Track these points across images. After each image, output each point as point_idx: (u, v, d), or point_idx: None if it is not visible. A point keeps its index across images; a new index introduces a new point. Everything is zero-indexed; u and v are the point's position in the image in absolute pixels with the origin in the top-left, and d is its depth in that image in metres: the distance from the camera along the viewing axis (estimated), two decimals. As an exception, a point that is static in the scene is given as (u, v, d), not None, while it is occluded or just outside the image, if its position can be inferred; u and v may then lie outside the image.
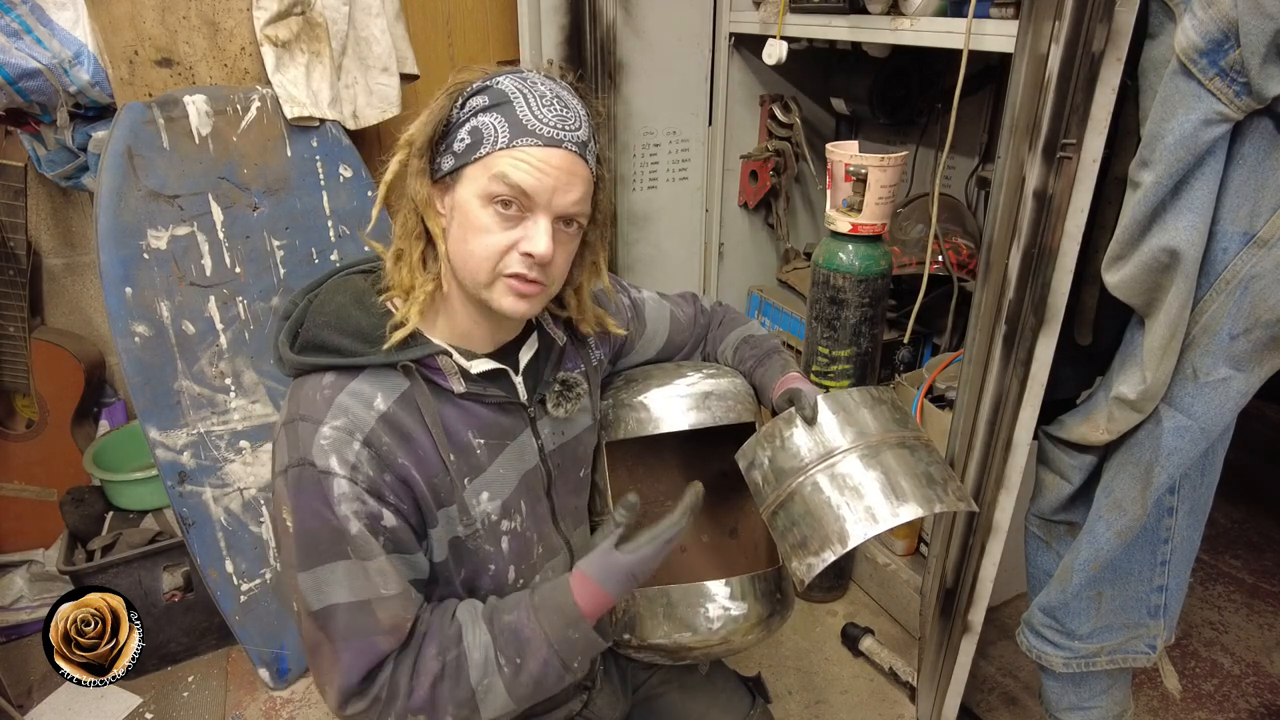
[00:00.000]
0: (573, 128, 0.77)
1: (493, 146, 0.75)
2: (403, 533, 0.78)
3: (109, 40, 1.41)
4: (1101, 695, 1.30)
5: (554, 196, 0.76)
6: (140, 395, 1.44)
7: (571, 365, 0.96)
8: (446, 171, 0.78)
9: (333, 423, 0.75)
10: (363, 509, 0.75)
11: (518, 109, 0.75)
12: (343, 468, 0.74)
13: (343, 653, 0.76)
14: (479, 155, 0.75)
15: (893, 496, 0.86)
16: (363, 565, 0.75)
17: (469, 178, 0.77)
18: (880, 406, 0.94)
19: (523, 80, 0.77)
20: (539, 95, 0.77)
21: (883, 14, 1.50)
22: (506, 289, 0.78)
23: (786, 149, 2.13)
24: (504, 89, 0.76)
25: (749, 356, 1.11)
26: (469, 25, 1.96)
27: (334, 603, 0.75)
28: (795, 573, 0.87)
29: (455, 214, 0.78)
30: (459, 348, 0.84)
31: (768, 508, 0.92)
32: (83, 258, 1.85)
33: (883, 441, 0.90)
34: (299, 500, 0.75)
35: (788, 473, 0.90)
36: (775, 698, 1.65)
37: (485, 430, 0.85)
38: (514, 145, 0.75)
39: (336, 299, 0.83)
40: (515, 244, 0.77)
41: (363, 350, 0.79)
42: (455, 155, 0.77)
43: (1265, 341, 1.00)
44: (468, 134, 0.76)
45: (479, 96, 0.77)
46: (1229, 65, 0.87)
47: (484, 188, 0.75)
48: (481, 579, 0.88)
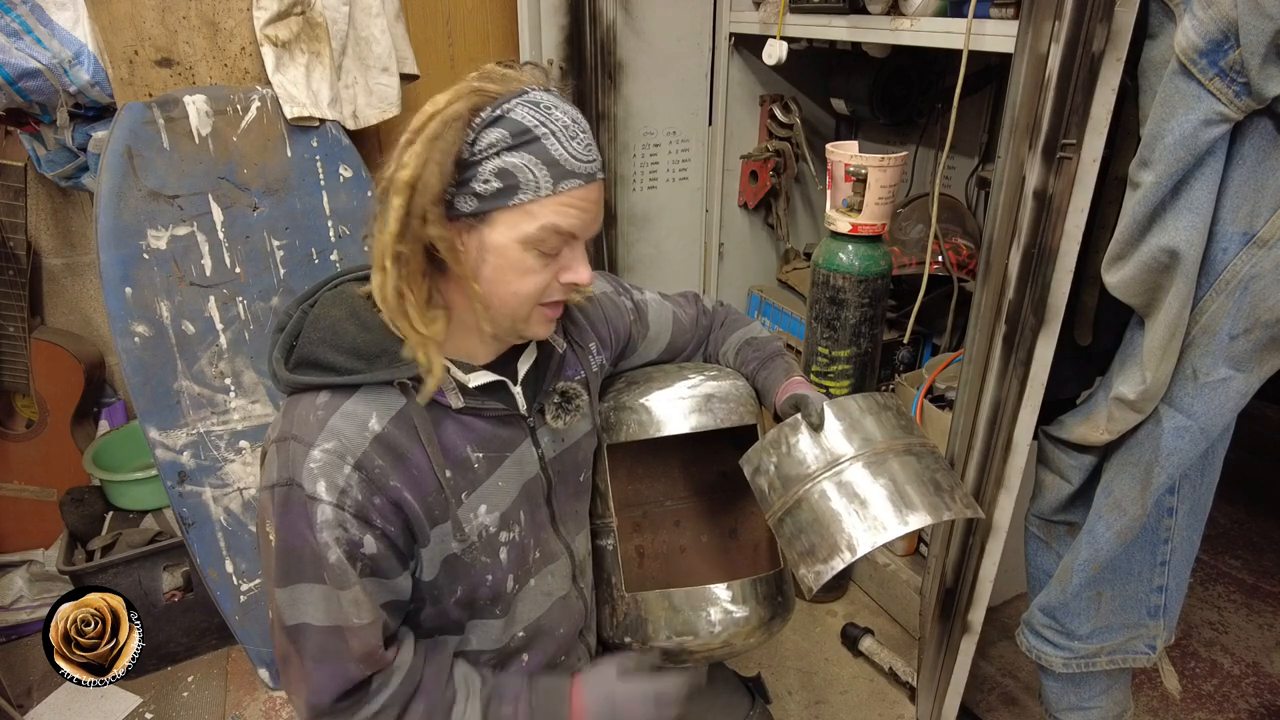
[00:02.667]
0: (596, 155, 0.76)
1: (535, 193, 0.72)
2: (384, 559, 0.77)
3: (109, 40, 1.41)
4: (1101, 695, 1.30)
5: (592, 227, 0.78)
6: (140, 395, 1.44)
7: (571, 372, 0.95)
8: (469, 213, 0.73)
9: (324, 445, 0.73)
10: (343, 536, 0.73)
11: (550, 148, 0.72)
12: (330, 493, 0.73)
13: (313, 672, 0.76)
14: (518, 201, 0.72)
15: (901, 504, 0.85)
16: (337, 594, 0.74)
17: (505, 222, 0.73)
18: (885, 413, 0.94)
19: (537, 108, 0.72)
20: (563, 126, 0.73)
21: (883, 14, 1.50)
22: (542, 316, 0.80)
23: (786, 149, 2.13)
24: (522, 121, 0.72)
25: (752, 359, 1.10)
26: (469, 25, 1.96)
27: (306, 622, 0.75)
28: (803, 580, 0.87)
29: (488, 256, 0.74)
30: (458, 361, 0.82)
31: (774, 514, 0.92)
32: (83, 258, 1.85)
33: (889, 449, 0.89)
34: (283, 519, 0.74)
35: (794, 480, 0.90)
36: (775, 698, 1.65)
37: (484, 444, 0.84)
38: (559, 191, 0.73)
39: (332, 313, 0.80)
40: (556, 276, 0.78)
41: (358, 368, 0.77)
42: (480, 198, 0.72)
43: (1265, 342, 1.00)
44: (494, 176, 0.71)
45: (495, 130, 0.71)
46: (1229, 65, 0.87)
47: (529, 235, 0.73)
48: (480, 591, 0.87)
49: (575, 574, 0.99)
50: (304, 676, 0.76)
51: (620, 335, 1.05)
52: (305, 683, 0.76)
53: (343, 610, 0.75)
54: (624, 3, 1.81)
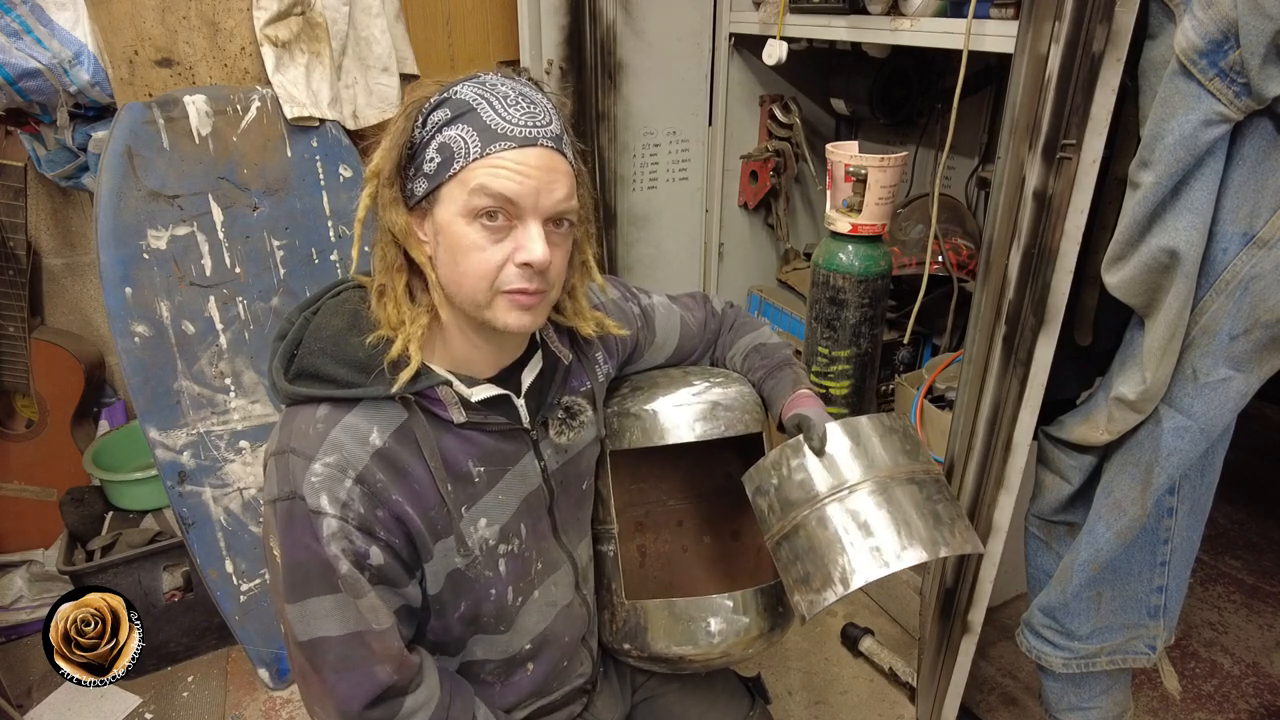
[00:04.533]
0: (543, 123, 0.74)
1: (466, 160, 0.71)
2: (390, 570, 0.76)
3: (109, 40, 1.41)
4: (1101, 696, 1.30)
5: (539, 198, 0.73)
6: (140, 395, 1.44)
7: (578, 383, 0.93)
8: (421, 196, 0.74)
9: (325, 459, 0.73)
10: (349, 547, 0.73)
11: (483, 115, 0.72)
12: (333, 506, 0.72)
13: (337, 684, 0.75)
14: (453, 172, 0.72)
15: (898, 537, 0.84)
16: (353, 601, 0.74)
17: (447, 197, 0.73)
18: (891, 436, 0.92)
19: (481, 85, 0.74)
20: (502, 97, 0.73)
21: (883, 14, 1.50)
22: (509, 304, 0.75)
23: (786, 149, 2.13)
24: (464, 98, 0.73)
25: (759, 366, 1.08)
26: (469, 25, 1.96)
27: (323, 635, 0.74)
28: (797, 608, 0.87)
29: (440, 238, 0.74)
30: (460, 374, 0.81)
31: (772, 537, 0.91)
32: (83, 258, 1.85)
33: (892, 477, 0.88)
34: (288, 533, 0.74)
35: (794, 504, 0.89)
36: (775, 698, 1.65)
37: (486, 458, 0.83)
38: (488, 153, 0.71)
39: (333, 323, 0.79)
40: (509, 257, 0.73)
41: (359, 381, 0.75)
42: (427, 177, 0.73)
43: (1265, 342, 1.00)
44: (436, 152, 0.73)
45: (439, 110, 0.73)
46: (1229, 66, 0.87)
47: (465, 204, 0.72)
48: (484, 607, 0.86)
49: (578, 581, 0.98)
50: (327, 690, 0.75)
51: (627, 343, 1.03)
52: (330, 696, 0.75)
53: (361, 616, 0.74)
54: (624, 3, 1.81)
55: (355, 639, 0.74)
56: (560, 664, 0.98)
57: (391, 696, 0.77)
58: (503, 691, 0.94)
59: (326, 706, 0.76)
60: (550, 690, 0.99)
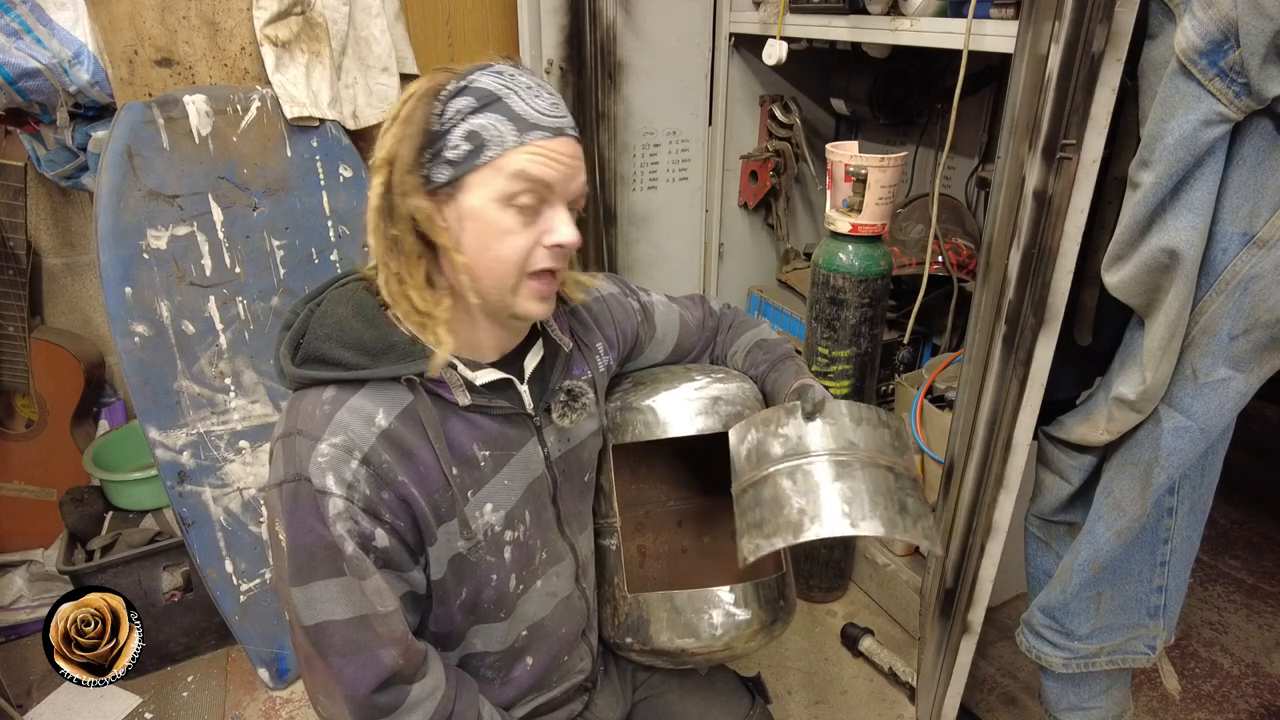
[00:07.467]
0: (564, 113, 0.77)
1: (502, 147, 0.73)
2: (395, 553, 0.77)
3: (109, 40, 1.41)
4: (1101, 696, 1.30)
5: (569, 185, 0.77)
6: (140, 395, 1.44)
7: (578, 372, 0.95)
8: (444, 182, 0.75)
9: (331, 440, 0.73)
10: (355, 528, 0.73)
11: (512, 104, 0.74)
12: (339, 486, 0.73)
13: (344, 668, 0.75)
14: (487, 159, 0.73)
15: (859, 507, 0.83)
16: (358, 583, 0.74)
17: (478, 184, 0.74)
18: (882, 430, 0.92)
19: (500, 75, 0.75)
20: (525, 87, 0.75)
21: (883, 14, 1.50)
22: (531, 292, 0.78)
23: (786, 149, 2.13)
24: (486, 87, 0.74)
25: (762, 360, 1.09)
26: (469, 25, 1.96)
27: (328, 619, 0.74)
28: (742, 549, 0.86)
29: (466, 224, 0.75)
30: (464, 358, 0.82)
31: (740, 485, 0.91)
32: (83, 258, 1.85)
33: (871, 459, 0.88)
34: (293, 516, 0.74)
35: (770, 458, 0.89)
36: (775, 698, 1.65)
37: (490, 442, 0.84)
38: (526, 141, 0.73)
39: (339, 310, 0.81)
40: (538, 240, 0.77)
41: (365, 364, 0.77)
42: (452, 164, 0.74)
43: (1265, 342, 1.00)
44: (463, 139, 0.73)
45: (461, 98, 0.74)
46: (1229, 66, 0.87)
47: (502, 189, 0.74)
48: (484, 593, 0.87)
49: (579, 574, 0.99)
50: (332, 675, 0.76)
51: (627, 337, 1.04)
52: (336, 681, 0.76)
53: (366, 599, 0.75)
54: (624, 3, 1.81)
55: (361, 622, 0.75)
56: (559, 658, 0.98)
57: (398, 682, 0.77)
58: (503, 688, 0.94)
59: (333, 693, 0.77)
60: (550, 685, 0.99)
